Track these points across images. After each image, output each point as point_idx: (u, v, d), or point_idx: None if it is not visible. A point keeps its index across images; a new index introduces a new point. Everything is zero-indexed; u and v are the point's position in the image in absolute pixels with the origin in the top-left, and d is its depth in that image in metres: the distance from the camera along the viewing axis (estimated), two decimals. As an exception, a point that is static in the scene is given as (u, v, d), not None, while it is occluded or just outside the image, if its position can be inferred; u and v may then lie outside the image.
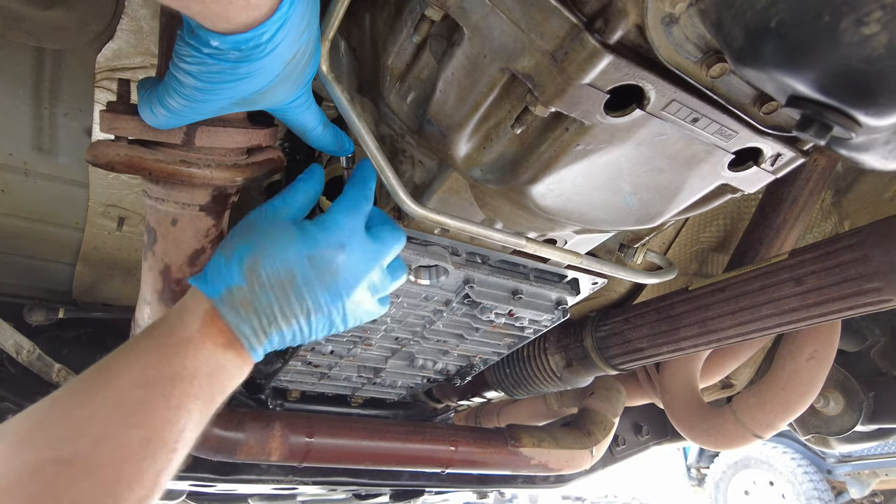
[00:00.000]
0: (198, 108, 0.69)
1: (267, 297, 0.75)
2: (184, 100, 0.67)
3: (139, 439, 0.65)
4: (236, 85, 0.65)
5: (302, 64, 0.70)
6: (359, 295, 0.82)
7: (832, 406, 1.78)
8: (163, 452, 0.67)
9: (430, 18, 0.73)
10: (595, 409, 1.93)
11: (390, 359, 1.57)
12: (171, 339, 0.73)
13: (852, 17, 0.47)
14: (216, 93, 0.66)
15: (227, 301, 0.74)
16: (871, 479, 5.97)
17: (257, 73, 0.65)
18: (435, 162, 0.95)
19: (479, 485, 2.16)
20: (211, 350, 0.73)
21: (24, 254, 1.54)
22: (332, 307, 0.79)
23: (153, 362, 0.70)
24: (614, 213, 0.94)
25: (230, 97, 0.68)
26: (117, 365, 0.70)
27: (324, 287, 0.78)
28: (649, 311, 1.45)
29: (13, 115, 1.20)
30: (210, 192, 0.86)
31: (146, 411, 0.67)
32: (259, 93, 0.69)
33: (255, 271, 0.74)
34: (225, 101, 0.68)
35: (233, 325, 0.74)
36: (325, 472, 1.79)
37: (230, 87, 0.65)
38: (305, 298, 0.77)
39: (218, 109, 0.70)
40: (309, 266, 0.76)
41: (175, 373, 0.70)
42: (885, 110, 0.52)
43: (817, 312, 1.12)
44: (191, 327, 0.73)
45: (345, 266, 0.79)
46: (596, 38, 0.62)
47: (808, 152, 0.85)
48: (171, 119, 0.72)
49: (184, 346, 0.72)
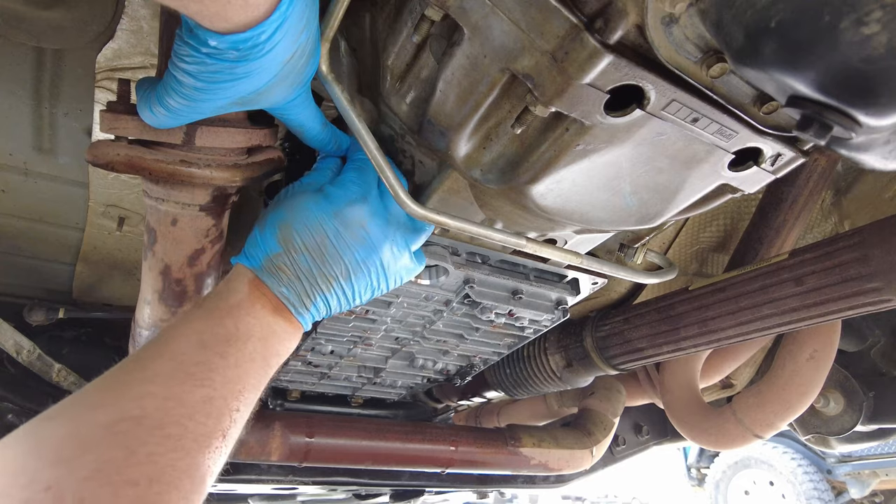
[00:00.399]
0: (197, 108, 0.70)
1: (304, 260, 0.79)
2: (183, 99, 0.68)
3: (201, 397, 0.67)
4: (235, 84, 0.66)
5: (301, 63, 0.71)
6: (391, 249, 0.85)
7: (832, 406, 1.78)
8: (225, 412, 0.69)
9: (430, 18, 0.73)
10: (595, 409, 1.93)
11: (390, 359, 1.57)
12: (222, 304, 0.77)
13: (852, 16, 0.47)
14: (215, 92, 0.66)
15: (267, 268, 0.79)
16: (872, 480, 5.96)
17: (256, 72, 0.65)
18: (435, 162, 0.95)
19: (479, 485, 2.16)
20: (260, 314, 0.77)
21: (24, 254, 1.54)
22: (368, 264, 0.83)
23: (207, 327, 0.74)
24: (614, 213, 0.94)
25: (229, 97, 0.68)
26: (174, 331, 0.73)
27: (356, 241, 0.81)
28: (649, 311, 1.45)
29: (13, 114, 1.20)
30: (210, 192, 0.86)
31: (205, 371, 0.69)
32: (258, 92, 0.69)
33: (288, 237, 0.79)
34: (224, 101, 0.69)
35: (275, 289, 0.79)
36: (325, 472, 1.79)
37: (229, 86, 0.66)
38: (341, 256, 0.80)
39: (217, 109, 0.71)
40: (337, 222, 0.80)
41: (229, 334, 0.74)
42: (885, 110, 0.52)
43: (817, 312, 1.12)
44: (239, 294, 0.77)
45: (371, 217, 0.83)
46: (596, 38, 0.62)
47: (808, 152, 0.85)
48: (170, 118, 0.72)
49: (235, 310, 0.76)
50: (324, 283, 0.81)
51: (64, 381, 1.55)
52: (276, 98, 0.73)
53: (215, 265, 0.99)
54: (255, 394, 0.76)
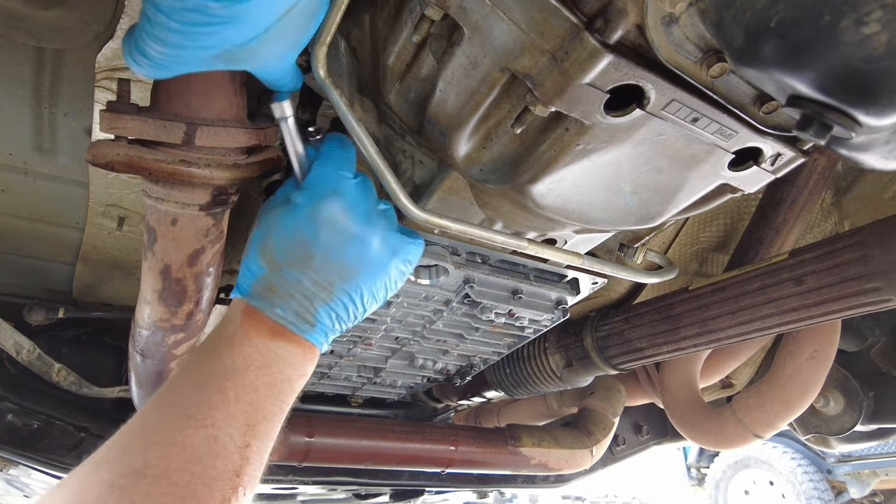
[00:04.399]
0: (178, 56, 0.61)
1: (290, 274, 0.74)
2: (160, 45, 0.60)
3: (204, 438, 0.65)
4: (218, 31, 0.57)
5: (302, 20, 0.63)
6: (384, 237, 0.78)
7: (832, 406, 1.78)
8: (233, 449, 0.66)
9: (430, 18, 0.73)
10: (595, 409, 1.93)
11: (390, 358, 1.57)
12: (217, 340, 0.74)
13: (852, 16, 0.47)
14: (194, 37, 0.58)
15: (256, 293, 0.74)
16: (871, 479, 5.96)
17: (242, 18, 0.56)
18: (435, 161, 0.95)
19: (478, 484, 2.16)
20: (257, 341, 0.73)
21: (24, 254, 1.54)
22: (364, 260, 0.76)
23: (203, 365, 0.71)
24: (614, 213, 0.94)
25: (211, 46, 0.60)
26: (174, 378, 0.71)
27: (342, 239, 0.74)
28: (649, 310, 1.45)
29: (13, 114, 1.20)
30: (210, 191, 0.86)
31: (205, 410, 0.67)
32: (245, 47, 0.61)
33: (270, 255, 0.74)
34: (205, 52, 0.61)
35: (269, 312, 0.74)
36: (325, 472, 1.79)
37: (210, 31, 0.57)
38: (330, 259, 0.74)
39: (200, 61, 0.63)
40: (314, 224, 0.73)
41: (226, 367, 0.70)
42: (885, 110, 0.52)
43: (817, 312, 1.12)
44: (232, 325, 0.74)
45: (350, 209, 0.75)
46: (596, 37, 0.62)
47: (808, 152, 0.85)
48: (153, 67, 0.63)
49: (229, 343, 0.72)
50: (322, 292, 0.75)
51: (64, 381, 1.55)
52: (267, 60, 0.66)
53: (215, 265, 0.99)
54: (269, 425, 0.72)
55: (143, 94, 1.08)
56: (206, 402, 0.67)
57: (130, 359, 1.27)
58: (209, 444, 0.64)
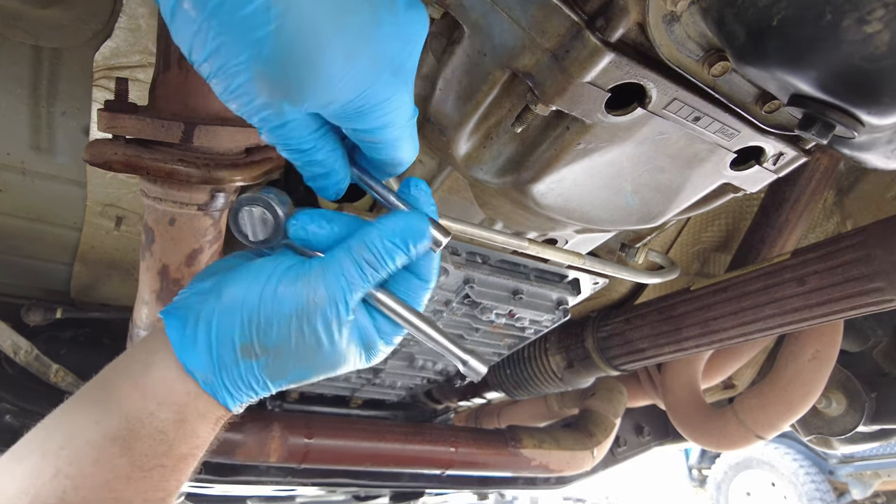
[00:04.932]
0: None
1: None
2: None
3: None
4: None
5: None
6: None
7: (834, 406, 1.77)
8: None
9: (429, 16, 0.73)
10: (596, 410, 1.93)
11: (390, 359, 1.57)
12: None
13: (855, 15, 0.47)
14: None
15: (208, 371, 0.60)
16: (874, 480, 5.95)
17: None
18: (435, 161, 0.94)
19: (479, 486, 2.15)
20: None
21: (21, 254, 1.54)
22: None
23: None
24: (615, 213, 0.93)
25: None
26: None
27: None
28: (651, 311, 1.45)
29: (11, 114, 1.19)
30: (208, 191, 0.86)
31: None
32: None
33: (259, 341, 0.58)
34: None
35: (220, 399, 0.60)
36: (325, 474, 1.79)
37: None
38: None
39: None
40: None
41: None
42: (887, 109, 0.52)
43: (820, 312, 1.11)
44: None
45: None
46: (597, 36, 0.62)
47: (810, 151, 0.85)
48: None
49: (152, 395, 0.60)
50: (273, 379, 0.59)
51: (62, 382, 1.55)
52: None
53: (214, 265, 0.99)
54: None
55: (142, 94, 1.07)
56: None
57: (129, 359, 1.26)
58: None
